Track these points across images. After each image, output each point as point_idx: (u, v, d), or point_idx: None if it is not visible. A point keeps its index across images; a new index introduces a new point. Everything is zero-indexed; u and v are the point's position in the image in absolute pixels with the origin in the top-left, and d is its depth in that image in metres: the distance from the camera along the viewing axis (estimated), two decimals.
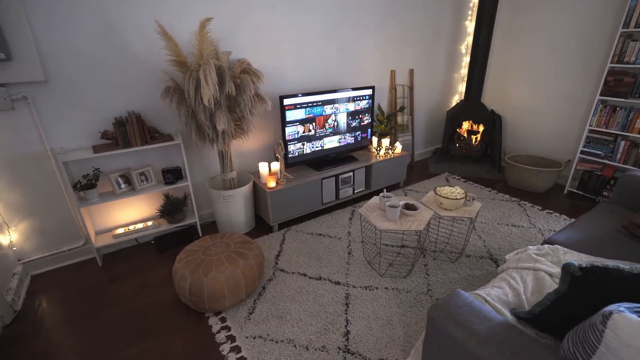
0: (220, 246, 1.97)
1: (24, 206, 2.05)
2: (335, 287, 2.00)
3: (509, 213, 2.83)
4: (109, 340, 1.70)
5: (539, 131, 3.54)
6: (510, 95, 3.73)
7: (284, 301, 1.91)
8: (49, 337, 1.72)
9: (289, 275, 2.12)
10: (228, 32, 2.39)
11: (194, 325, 1.78)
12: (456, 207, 2.03)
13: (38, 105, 1.93)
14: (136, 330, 1.76)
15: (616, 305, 0.72)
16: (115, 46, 2.04)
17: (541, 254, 1.48)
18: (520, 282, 1.31)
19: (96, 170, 2.13)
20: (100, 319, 1.83)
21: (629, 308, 0.71)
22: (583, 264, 0.87)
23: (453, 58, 3.93)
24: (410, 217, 1.95)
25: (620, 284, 0.86)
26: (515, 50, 3.56)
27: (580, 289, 0.92)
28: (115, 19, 1.99)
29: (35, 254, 2.16)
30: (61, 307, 1.92)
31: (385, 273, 2.11)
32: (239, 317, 1.80)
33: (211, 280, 1.75)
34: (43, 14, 1.81)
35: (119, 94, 2.14)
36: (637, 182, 1.95)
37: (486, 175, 3.63)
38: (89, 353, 1.63)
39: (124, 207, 2.38)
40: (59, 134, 2.04)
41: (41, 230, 2.14)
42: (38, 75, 1.84)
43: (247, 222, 2.62)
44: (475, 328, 0.91)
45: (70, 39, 1.91)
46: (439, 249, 2.35)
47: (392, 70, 3.46)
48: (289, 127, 2.62)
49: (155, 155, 2.38)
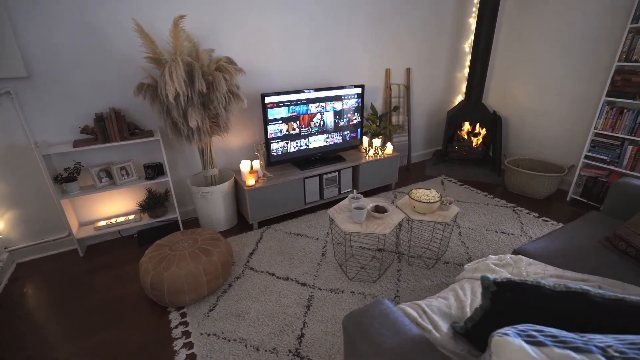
0: (188, 242, 1.99)
1: (10, 196, 2.16)
2: (301, 289, 1.97)
3: (501, 219, 2.69)
4: (74, 329, 1.75)
5: (544, 134, 3.34)
6: (515, 96, 3.54)
7: (247, 300, 1.90)
8: (19, 322, 1.79)
9: (257, 274, 2.11)
10: (212, 30, 2.41)
11: (155, 319, 1.80)
12: (430, 210, 1.95)
13: (22, 100, 2.02)
14: (101, 320, 1.80)
15: (507, 328, 0.65)
16: (96, 43, 2.10)
17: (501, 264, 1.38)
18: (470, 294, 1.23)
19: (77, 163, 2.20)
20: (71, 307, 1.89)
21: (522, 331, 0.64)
22: (499, 278, 0.80)
23: (456, 57, 3.78)
24: (378, 220, 1.89)
25: (540, 301, 0.78)
26: (520, 48, 3.38)
27: (501, 305, 0.84)
28: (96, 16, 2.05)
29: (21, 243, 2.27)
30: (38, 294, 2.00)
31: (354, 277, 2.05)
32: (198, 314, 1.81)
33: (171, 275, 1.76)
34: (24, 12, 1.88)
35: (101, 90, 2.20)
36: (630, 190, 1.79)
37: (485, 179, 3.47)
38: (54, 339, 1.69)
39: (107, 200, 2.46)
40: (43, 128, 2.12)
41: (27, 220, 2.25)
42: (20, 71, 1.92)
43: (228, 219, 2.63)
44: (382, 342, 0.86)
45: (52, 36, 1.98)
46: (417, 254, 2.26)
47: (387, 69, 3.37)
48: (272, 125, 2.60)
49: (137, 150, 2.43)
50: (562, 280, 1.29)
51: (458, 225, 2.62)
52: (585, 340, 0.61)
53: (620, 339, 0.63)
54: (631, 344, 0.60)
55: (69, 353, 1.61)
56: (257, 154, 2.52)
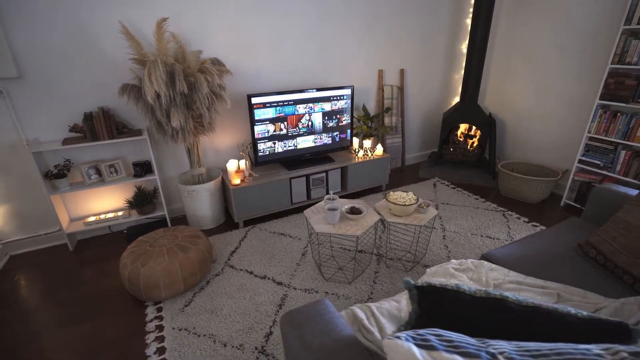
0: (168, 239, 2.04)
1: (4, 191, 2.26)
2: (276, 288, 1.99)
3: (488, 223, 2.65)
4: (56, 319, 1.82)
5: (540, 137, 3.27)
6: (511, 98, 3.48)
7: (222, 297, 1.93)
8: (6, 311, 1.88)
9: (236, 271, 2.14)
10: (201, 32, 2.46)
11: (132, 312, 1.86)
12: (406, 213, 1.94)
13: (14, 99, 2.11)
14: (82, 312, 1.87)
15: (405, 332, 0.65)
16: (86, 45, 2.17)
17: (461, 268, 1.37)
18: None
19: (67, 161, 2.29)
20: (56, 299, 1.97)
21: (419, 335, 0.64)
22: (421, 282, 0.80)
23: (453, 58, 3.74)
24: (352, 222, 1.90)
25: (460, 306, 0.78)
26: (516, 49, 3.32)
27: (428, 309, 0.84)
28: (86, 18, 2.12)
29: (14, 236, 2.37)
30: (27, 285, 2.09)
31: (331, 277, 2.06)
32: (174, 309, 1.85)
33: (147, 270, 1.81)
34: (15, 14, 1.97)
35: (90, 90, 2.28)
36: (609, 196, 1.75)
37: (479, 182, 3.42)
38: (36, 328, 1.76)
39: (98, 196, 2.54)
40: (34, 126, 2.21)
41: (20, 215, 2.34)
42: (11, 71, 2.01)
43: (215, 217, 2.68)
44: (311, 341, 0.87)
45: (43, 37, 2.06)
46: (396, 256, 2.26)
47: (380, 70, 3.36)
48: (258, 125, 2.64)
49: (127, 149, 2.51)
50: (521, 287, 1.27)
51: (443, 228, 2.59)
52: (479, 346, 0.61)
53: (519, 346, 0.63)
54: (525, 351, 0.60)
55: (49, 343, 1.68)
56: (243, 154, 2.55)
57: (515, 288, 1.26)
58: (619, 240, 1.40)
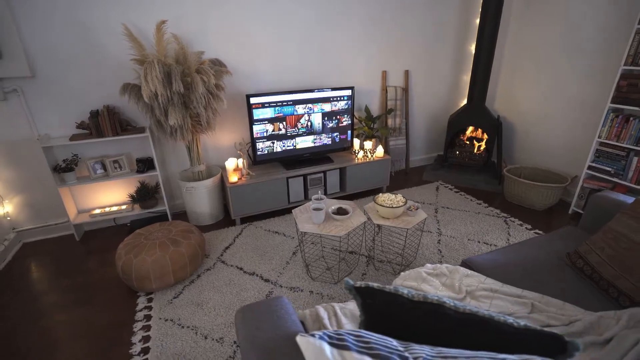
0: (163, 232, 2.12)
1: (18, 183, 2.42)
2: (263, 284, 2.03)
3: (488, 229, 2.58)
4: (53, 304, 1.93)
5: (550, 141, 3.14)
6: (521, 101, 3.36)
7: (210, 291, 1.99)
8: (10, 293, 2.01)
9: (227, 267, 2.20)
10: (203, 33, 2.53)
11: (125, 301, 1.95)
12: (393, 215, 1.92)
13: (27, 97, 2.25)
14: (80, 298, 1.98)
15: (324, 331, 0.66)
16: (93, 46, 2.29)
17: (434, 273, 1.35)
18: None
19: (74, 155, 2.42)
20: (56, 285, 2.09)
21: (337, 334, 0.65)
22: (360, 283, 0.80)
23: (461, 59, 3.65)
24: (337, 222, 1.90)
25: (397, 309, 0.78)
26: (527, 50, 3.20)
27: (371, 311, 0.84)
28: (94, 21, 2.24)
29: (27, 225, 2.53)
30: (33, 271, 2.23)
31: (318, 277, 2.07)
32: (163, 300, 1.93)
33: (139, 262, 1.89)
34: (28, 17, 2.11)
35: (98, 89, 2.40)
36: (606, 204, 1.66)
37: (485, 187, 3.32)
38: (35, 311, 1.88)
39: (104, 190, 2.66)
40: (46, 122, 2.35)
41: (33, 205, 2.50)
42: (25, 71, 2.15)
43: (213, 214, 2.75)
44: (257, 336, 0.89)
45: (53, 39, 2.19)
46: (387, 259, 2.24)
47: (384, 71, 3.34)
48: (257, 125, 2.69)
49: (131, 145, 2.62)
50: (494, 294, 1.24)
51: (439, 232, 2.55)
52: (396, 350, 0.61)
53: (439, 352, 0.62)
54: (443, 357, 0.59)
55: (47, 325, 1.79)
56: (240, 153, 2.61)
57: (487, 295, 1.23)
58: (606, 251, 1.33)
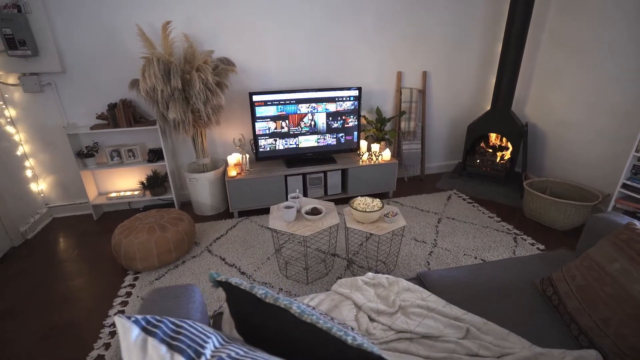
0: (155, 218, 2.28)
1: (51, 165, 2.77)
2: (238, 276, 2.08)
3: (491, 246, 2.36)
4: (58, 273, 2.19)
5: (586, 153, 2.77)
6: (555, 107, 3.01)
7: (189, 277, 2.09)
8: (34, 258, 2.32)
9: (211, 257, 2.29)
10: (213, 33, 2.67)
11: (115, 277, 2.13)
12: (367, 220, 1.85)
13: (59, 90, 2.57)
14: (81, 269, 2.21)
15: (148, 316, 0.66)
16: (115, 45, 2.54)
17: (371, 283, 1.27)
18: (314, 305, 1.18)
19: (95, 143, 2.71)
20: (66, 257, 2.36)
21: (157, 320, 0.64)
22: (223, 278, 0.79)
23: (489, 60, 3.37)
24: (308, 222, 1.88)
25: (251, 308, 0.75)
26: (566, 49, 2.85)
27: (232, 307, 0.83)
28: (115, 22, 2.48)
29: (57, 202, 2.88)
30: (53, 242, 2.54)
31: (292, 276, 2.07)
32: (146, 280, 2.07)
33: (127, 243, 2.06)
34: (60, 19, 2.40)
35: (118, 84, 2.65)
36: (604, 227, 1.43)
37: (503, 200, 3.03)
38: (41, 277, 2.14)
39: (122, 176, 2.94)
40: (75, 112, 2.66)
41: (62, 185, 2.85)
42: (57, 67, 2.46)
43: (214, 205, 2.88)
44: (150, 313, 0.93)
45: (80, 39, 2.47)
46: (368, 265, 2.16)
47: (399, 72, 3.21)
48: (259, 122, 2.76)
49: (146, 136, 2.85)
50: (429, 313, 1.14)
51: (435, 243, 2.39)
52: (199, 344, 0.60)
53: (243, 350, 0.60)
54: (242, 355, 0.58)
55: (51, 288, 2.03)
56: (239, 149, 2.70)
57: (421, 313, 1.13)
58: (577, 281, 1.15)
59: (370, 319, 1.14)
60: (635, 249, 1.05)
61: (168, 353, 0.58)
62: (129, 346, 0.59)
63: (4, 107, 2.49)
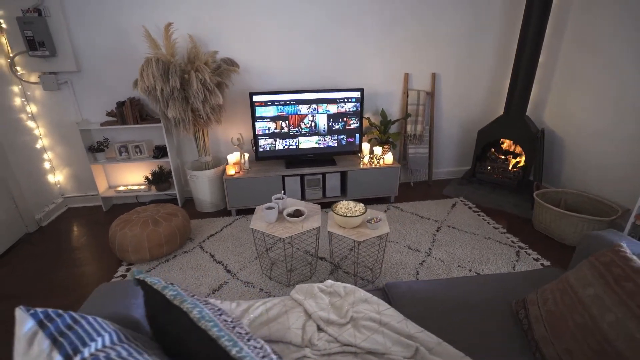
0: (151, 212, 2.36)
1: (67, 158, 2.95)
2: (223, 274, 2.11)
3: (489, 259, 2.22)
4: (61, 260, 2.32)
5: (608, 163, 2.54)
6: (576, 112, 2.78)
7: (177, 271, 2.15)
8: (46, 243, 2.49)
9: (202, 253, 2.34)
10: (217, 34, 2.73)
11: (109, 266, 2.23)
12: (348, 225, 1.80)
13: (75, 88, 2.74)
14: (80, 258, 2.34)
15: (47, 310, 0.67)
16: (124, 45, 2.66)
17: (327, 291, 1.23)
18: (259, 310, 1.16)
19: (105, 139, 2.85)
20: (73, 245, 2.50)
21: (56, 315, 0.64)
22: (143, 276, 0.79)
23: (505, 62, 3.18)
24: (288, 224, 1.87)
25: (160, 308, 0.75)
26: (590, 50, 2.63)
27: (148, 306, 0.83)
28: (125, 24, 2.60)
29: (72, 193, 3.08)
30: (62, 231, 2.71)
31: (275, 277, 2.07)
32: None
33: (121, 235, 2.15)
34: (76, 22, 2.55)
35: (127, 83, 2.77)
36: (596, 246, 1.29)
37: (513, 210, 2.85)
38: (45, 263, 2.29)
39: (131, 170, 3.08)
40: (89, 109, 2.83)
41: (76, 177, 3.03)
42: (72, 67, 2.62)
43: (214, 202, 2.94)
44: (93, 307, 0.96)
45: (94, 40, 2.62)
46: (354, 271, 2.10)
47: (406, 74, 3.11)
48: (260, 122, 2.78)
49: (153, 134, 2.97)
50: (379, 327, 1.08)
51: (428, 253, 2.29)
52: (87, 339, 0.61)
53: (129, 352, 0.60)
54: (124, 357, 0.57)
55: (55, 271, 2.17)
56: (237, 147, 2.73)
57: (371, 327, 1.08)
58: (548, 305, 1.05)
59: (319, 328, 1.10)
60: (613, 274, 0.93)
61: (48, 348, 0.58)
62: (19, 338, 0.60)
63: (26, 103, 2.69)
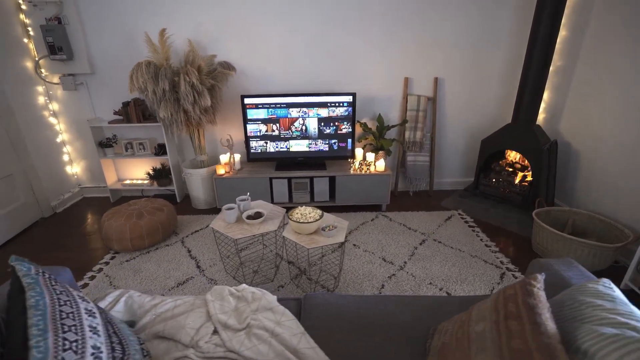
0: (140, 205, 2.52)
1: (83, 152, 3.26)
2: (192, 270, 2.18)
3: (467, 278, 2.05)
4: (63, 244, 2.56)
5: (625, 182, 2.23)
6: (595, 123, 2.48)
7: (153, 263, 2.26)
8: (60, 227, 2.76)
9: (181, 247, 2.44)
10: (216, 38, 2.85)
11: (97, 253, 2.42)
12: (302, 231, 1.78)
13: (90, 89, 3.02)
14: (79, 244, 2.56)
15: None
16: (132, 49, 2.88)
17: (236, 295, 1.22)
18: (168, 306, 1.18)
19: (114, 135, 3.10)
20: (78, 232, 2.75)
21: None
22: (16, 263, 0.85)
23: (516, 66, 2.93)
24: (245, 225, 1.88)
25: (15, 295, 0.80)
26: (606, 63, 2.33)
27: None
28: (132, 30, 2.82)
29: (87, 184, 3.38)
30: (72, 217, 2.98)
31: (239, 277, 2.09)
32: (119, 260, 2.31)
33: (107, 225, 2.32)
34: (91, 27, 2.81)
35: None
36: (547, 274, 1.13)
37: (514, 228, 2.61)
38: (49, 245, 2.54)
39: (138, 166, 3.31)
40: (101, 108, 3.09)
41: (90, 169, 3.33)
42: (87, 69, 2.89)
43: (207, 200, 3.06)
44: None
45: (105, 44, 2.86)
46: (320, 278, 2.06)
47: (406, 78, 2.99)
48: (251, 124, 2.84)
49: (157, 132, 3.17)
50: (271, 338, 1.05)
51: (401, 266, 2.17)
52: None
53: None
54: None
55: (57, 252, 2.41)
56: (226, 148, 2.81)
57: (262, 336, 1.05)
58: (446, 337, 0.94)
59: (215, 331, 1.10)
60: (506, 310, 0.82)
61: None
62: None
63: (49, 102, 3.02)
